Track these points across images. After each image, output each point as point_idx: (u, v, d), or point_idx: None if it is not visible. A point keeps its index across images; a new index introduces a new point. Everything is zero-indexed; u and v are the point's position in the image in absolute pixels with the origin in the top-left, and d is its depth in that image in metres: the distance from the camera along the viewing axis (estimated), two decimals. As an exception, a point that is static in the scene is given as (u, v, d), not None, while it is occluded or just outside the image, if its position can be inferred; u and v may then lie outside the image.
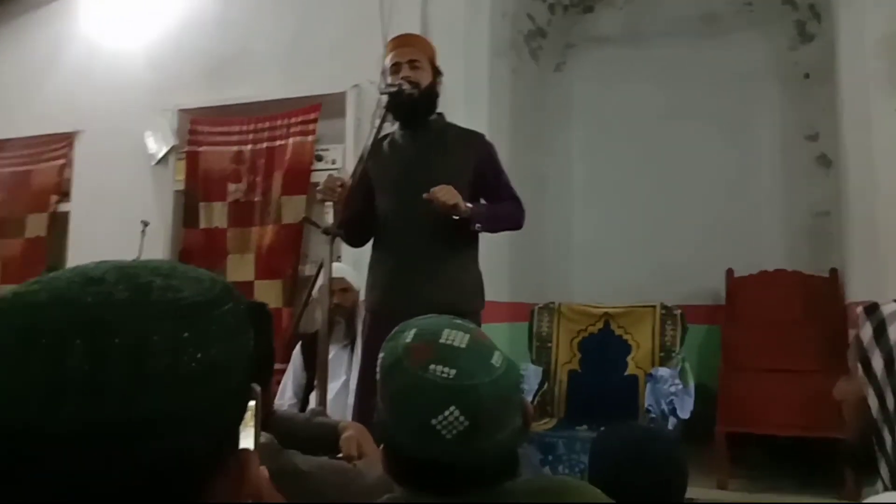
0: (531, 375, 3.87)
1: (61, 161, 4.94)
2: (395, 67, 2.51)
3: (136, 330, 0.47)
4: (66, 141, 4.93)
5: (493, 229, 2.60)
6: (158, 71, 4.69)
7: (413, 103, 2.46)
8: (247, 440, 0.56)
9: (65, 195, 4.93)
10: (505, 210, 2.58)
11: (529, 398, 3.65)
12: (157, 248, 4.33)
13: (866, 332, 1.05)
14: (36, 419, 0.44)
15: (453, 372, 0.94)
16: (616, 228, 5.00)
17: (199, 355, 0.49)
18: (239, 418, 0.55)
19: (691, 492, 1.66)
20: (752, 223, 4.71)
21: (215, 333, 0.51)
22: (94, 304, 0.48)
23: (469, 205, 2.39)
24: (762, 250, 4.60)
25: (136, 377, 0.46)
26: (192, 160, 4.52)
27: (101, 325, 0.47)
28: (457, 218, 2.37)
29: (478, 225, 2.46)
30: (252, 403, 0.56)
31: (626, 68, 5.07)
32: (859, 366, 1.05)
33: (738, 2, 4.94)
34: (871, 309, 1.06)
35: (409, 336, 1.00)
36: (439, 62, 2.60)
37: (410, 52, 2.51)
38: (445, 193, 2.31)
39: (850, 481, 3.24)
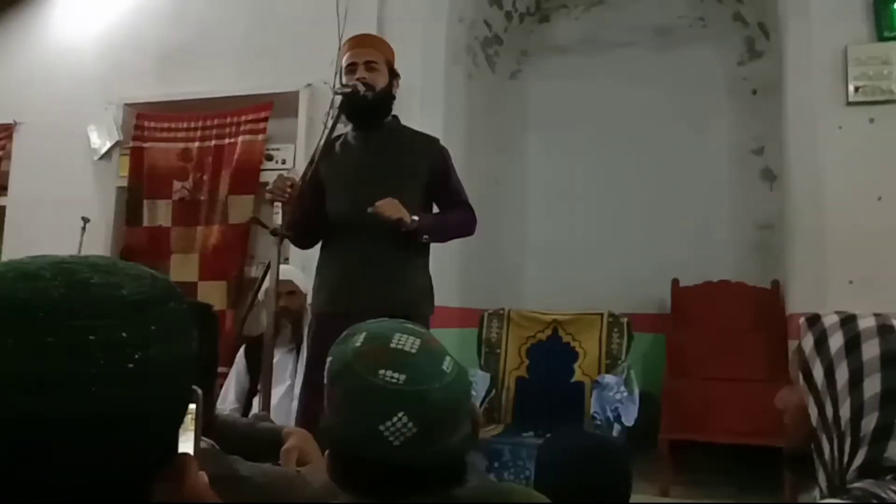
0: (479, 381, 3.88)
1: (-1, 153, 4.78)
2: (351, 67, 2.48)
3: (71, 328, 0.45)
4: (4, 132, 4.76)
5: (442, 239, 2.59)
6: (105, 63, 4.57)
7: (367, 105, 2.44)
8: (187, 444, 0.54)
9: (2, 189, 4.77)
10: (455, 219, 2.57)
11: (478, 404, 3.65)
12: (98, 245, 4.21)
13: (808, 342, 1.07)
14: None
15: (403, 377, 0.92)
16: (568, 236, 5.05)
17: (137, 355, 0.47)
18: (178, 421, 0.53)
19: (634, 498, 1.67)
20: (698, 234, 4.81)
21: (155, 333, 0.49)
22: (27, 300, 0.46)
23: (415, 217, 2.36)
24: (707, 261, 4.70)
25: (71, 376, 0.44)
26: (137, 156, 4.41)
27: (34, 322, 0.45)
28: (403, 230, 2.36)
29: (425, 236, 2.45)
30: (192, 406, 0.55)
31: (581, 77, 5.14)
32: (800, 375, 1.07)
33: (691, 16, 5.04)
34: (813, 320, 1.08)
35: (359, 340, 0.98)
36: (396, 65, 2.58)
37: (367, 52, 2.49)
38: (389, 208, 2.30)
39: (788, 488, 3.32)
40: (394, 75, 2.53)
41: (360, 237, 2.43)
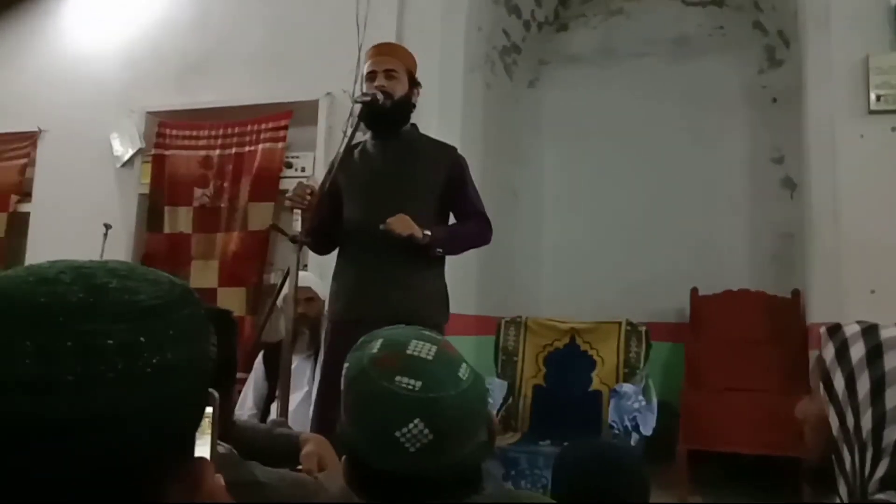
0: (496, 389, 3.86)
1: (23, 160, 4.84)
2: (371, 75, 2.49)
3: (90, 332, 0.46)
4: (29, 140, 4.83)
5: (456, 251, 2.59)
6: (127, 72, 4.62)
7: (385, 113, 2.45)
8: (204, 447, 0.55)
9: (26, 195, 4.83)
10: (469, 230, 2.57)
11: (494, 412, 3.64)
12: (120, 252, 4.25)
13: (828, 352, 1.06)
14: None
15: (419, 384, 0.92)
16: (585, 244, 5.04)
17: (154, 360, 0.47)
18: (195, 424, 0.54)
19: (653, 509, 1.66)
20: (717, 243, 4.78)
21: (172, 337, 0.49)
22: (46, 304, 0.46)
23: (427, 232, 2.36)
24: (727, 270, 4.66)
25: (88, 379, 0.44)
26: (159, 164, 4.45)
27: (52, 326, 0.45)
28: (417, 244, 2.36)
29: (438, 250, 2.45)
30: (209, 410, 0.55)
31: (599, 87, 5.13)
32: (821, 385, 1.05)
33: (710, 25, 5.02)
34: (834, 330, 1.07)
35: (376, 346, 0.98)
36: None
37: (388, 61, 2.50)
38: (400, 225, 2.30)
39: (808, 499, 3.28)
40: (414, 84, 2.54)
41: (375, 245, 2.44)
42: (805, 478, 1.15)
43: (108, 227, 4.12)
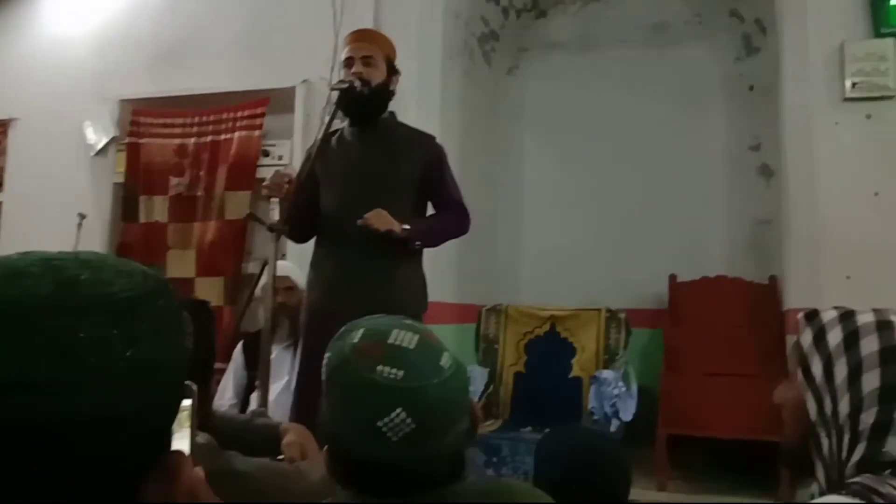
0: (477, 377, 3.88)
1: (-6, 149, 4.76)
2: (349, 62, 2.47)
3: (61, 327, 0.44)
4: (0, 128, 4.75)
5: (435, 244, 2.58)
6: (101, 59, 4.55)
7: (363, 101, 2.43)
8: (183, 440, 0.54)
9: (-3, 185, 4.76)
10: (446, 221, 2.56)
11: (475, 399, 3.65)
12: (95, 242, 4.20)
13: (806, 338, 1.07)
14: None
15: (401, 373, 0.92)
16: (565, 231, 5.05)
17: (128, 353, 0.46)
18: (172, 417, 0.53)
19: (632, 493, 1.67)
20: (695, 230, 4.81)
21: (146, 330, 0.48)
22: (16, 298, 0.45)
23: (406, 226, 2.36)
24: (705, 257, 4.70)
25: (60, 376, 0.43)
26: (133, 152, 4.40)
27: (24, 321, 0.44)
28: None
29: (417, 243, 2.44)
30: (187, 402, 0.54)
31: (578, 74, 5.13)
32: (799, 371, 1.07)
33: (688, 13, 5.04)
34: (811, 315, 1.08)
35: (357, 336, 0.98)
36: None
37: (366, 47, 2.48)
38: (378, 220, 2.29)
39: (785, 483, 3.33)
40: (392, 71, 2.52)
41: (351, 234, 2.42)
42: (783, 461, 1.16)
43: (82, 216, 4.08)
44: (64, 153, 4.50)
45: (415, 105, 3.66)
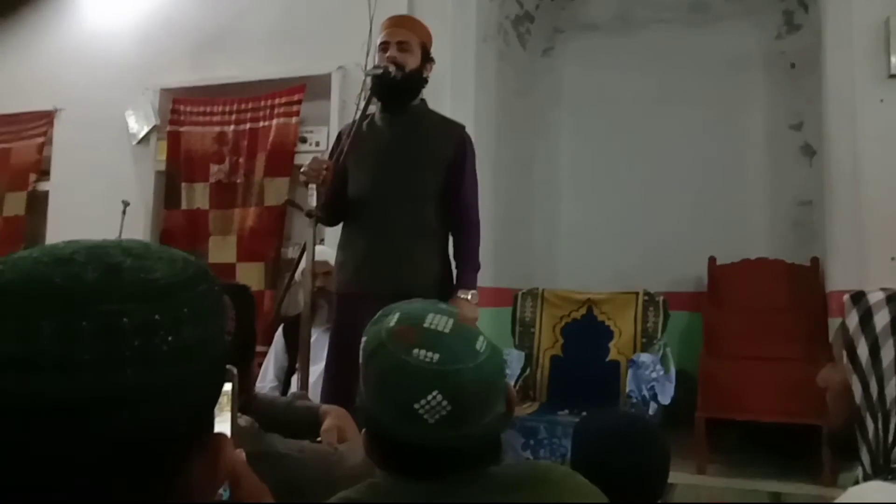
0: (514, 360, 3.88)
1: (41, 139, 4.87)
2: (384, 46, 2.49)
3: (106, 312, 0.46)
4: (45, 119, 4.86)
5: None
6: (141, 49, 4.62)
7: (395, 85, 2.44)
8: (224, 423, 0.55)
9: (44, 174, 4.87)
10: (472, 248, 2.59)
11: (512, 383, 3.66)
12: (138, 228, 4.28)
13: (852, 319, 1.05)
14: (9, 393, 0.43)
15: (437, 356, 0.93)
16: (601, 214, 5.01)
17: (170, 338, 0.48)
18: (214, 400, 0.54)
19: (671, 476, 1.66)
20: (735, 211, 4.74)
21: (188, 316, 0.49)
22: (62, 285, 0.46)
23: (474, 291, 2.50)
24: (745, 238, 4.63)
25: (106, 359, 0.45)
26: (174, 140, 4.47)
27: (69, 306, 0.45)
28: None
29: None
30: (228, 386, 0.55)
31: (615, 54, 5.06)
32: (844, 353, 1.05)
33: (727, -10, 4.93)
34: (858, 297, 1.06)
35: (393, 320, 0.99)
36: None
37: (401, 33, 2.49)
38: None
39: (827, 468, 3.28)
40: (427, 58, 2.52)
41: (381, 217, 2.45)
42: (827, 445, 1.15)
43: (126, 204, 4.15)
44: (107, 142, 4.59)
45: (449, 88, 3.65)
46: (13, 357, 0.44)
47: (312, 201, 2.44)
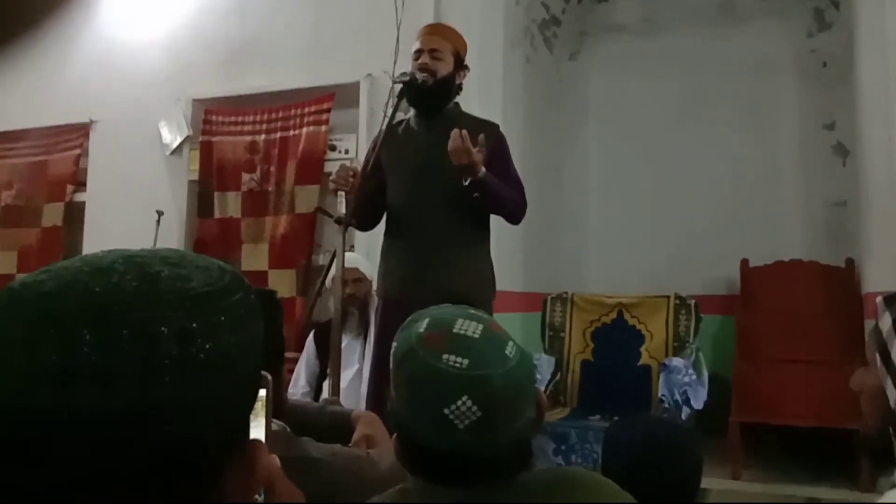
0: (544, 365, 3.87)
1: (77, 151, 4.97)
2: (417, 54, 2.52)
3: (145, 320, 0.47)
4: (81, 131, 4.96)
5: (489, 205, 2.48)
6: (173, 60, 4.70)
7: (426, 90, 2.46)
8: (258, 429, 0.56)
9: (81, 185, 4.97)
10: (511, 196, 2.50)
11: (542, 388, 3.65)
12: (172, 238, 4.35)
13: (885, 322, 1.04)
14: (48, 405, 0.44)
15: (466, 362, 0.93)
16: (631, 217, 4.98)
17: (207, 346, 0.48)
18: (250, 406, 0.55)
19: (705, 482, 1.65)
20: (767, 213, 4.68)
21: (224, 323, 0.50)
22: (102, 293, 0.47)
23: (483, 169, 2.32)
24: (778, 240, 4.57)
25: (145, 367, 0.46)
26: (207, 150, 4.53)
27: (109, 315, 0.46)
28: (465, 183, 2.31)
29: (476, 194, 2.35)
30: (262, 392, 0.56)
31: (642, 57, 5.04)
32: (878, 356, 1.04)
33: (756, -11, 4.89)
34: (891, 299, 1.05)
35: (423, 325, 0.99)
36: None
37: (434, 41, 2.51)
38: (459, 152, 2.26)
39: (865, 473, 3.22)
40: (460, 66, 2.54)
41: (422, 222, 2.46)
42: (862, 450, 1.13)
43: (160, 213, 4.22)
44: (141, 153, 4.67)
45: (477, 93, 3.65)
46: (53, 367, 0.44)
47: (342, 208, 2.47)
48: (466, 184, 2.32)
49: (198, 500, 0.50)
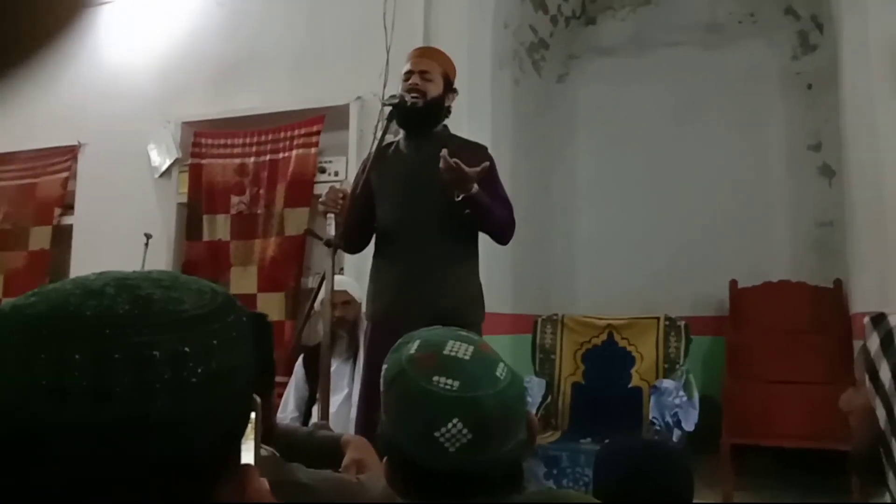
0: (535, 388, 3.86)
1: (65, 174, 4.96)
2: (407, 76, 2.53)
3: (137, 343, 0.46)
4: (69, 154, 4.95)
5: (480, 221, 2.47)
6: (162, 83, 4.71)
7: (415, 112, 2.47)
8: (248, 452, 0.56)
9: (68, 208, 4.95)
10: (501, 215, 2.52)
11: (533, 411, 3.63)
12: (161, 260, 4.33)
13: (873, 342, 1.04)
14: (41, 421, 0.44)
15: (457, 384, 0.93)
16: (620, 239, 5.00)
17: (199, 369, 0.48)
18: (242, 429, 0.55)
19: (697, 504, 1.64)
20: (755, 233, 4.72)
21: (216, 347, 0.50)
22: (94, 317, 0.47)
23: (476, 187, 2.32)
24: (766, 261, 4.60)
25: (138, 389, 0.45)
26: (196, 172, 4.53)
27: (100, 339, 0.46)
28: (458, 199, 2.31)
29: (467, 210, 2.35)
30: (252, 415, 0.56)
31: (630, 78, 5.09)
32: (867, 376, 1.04)
33: (741, 12, 4.96)
34: (878, 319, 1.06)
35: (413, 347, 0.99)
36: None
37: (424, 63, 2.53)
38: (457, 173, 2.26)
39: (856, 492, 3.22)
40: (449, 88, 2.56)
41: (411, 244, 2.46)
42: (853, 470, 1.13)
43: (148, 236, 4.20)
44: (130, 176, 4.66)
45: (466, 115, 3.67)
46: (45, 387, 0.44)
47: (331, 230, 2.47)
48: (458, 199, 2.32)
49: None
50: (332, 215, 2.48)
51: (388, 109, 2.52)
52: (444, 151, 2.28)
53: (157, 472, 0.46)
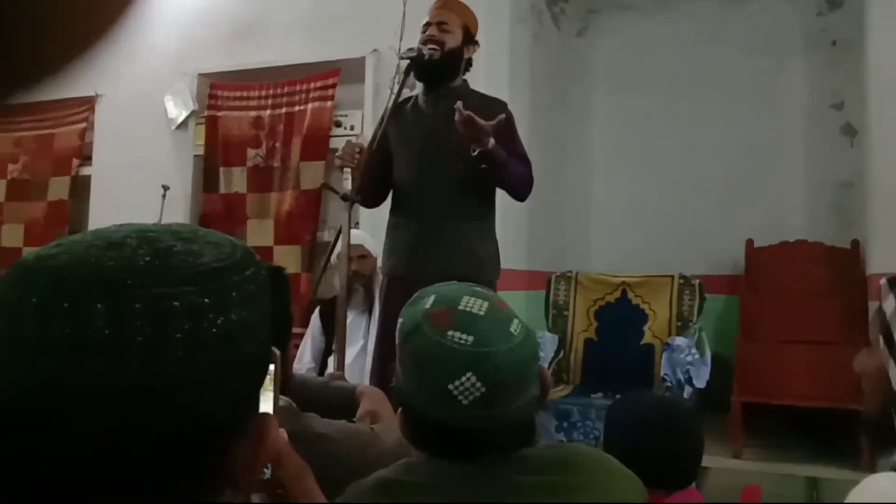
0: (547, 343, 3.89)
1: (83, 125, 4.97)
2: (426, 26, 2.51)
3: (157, 295, 0.47)
4: (87, 104, 4.95)
5: (497, 178, 2.47)
6: (179, 35, 4.68)
7: (433, 63, 2.45)
8: (266, 403, 0.57)
9: (87, 159, 4.97)
10: (519, 171, 2.50)
11: (545, 365, 3.66)
12: (178, 212, 4.35)
13: (889, 304, 1.04)
14: (59, 378, 0.44)
15: (471, 338, 0.94)
16: (636, 196, 4.97)
17: (219, 321, 0.49)
18: (259, 382, 0.55)
19: (706, 460, 1.66)
20: (773, 193, 4.67)
21: (236, 299, 0.50)
22: (115, 268, 0.47)
23: (493, 141, 2.31)
24: (783, 220, 4.56)
25: (157, 341, 0.46)
26: (212, 125, 4.52)
27: (121, 289, 0.46)
28: (474, 154, 2.30)
29: (483, 166, 2.34)
30: (271, 367, 0.57)
31: (650, 34, 5.00)
32: (881, 338, 1.04)
33: (766, -34, 4.83)
34: (894, 281, 1.05)
35: (429, 302, 1.00)
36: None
37: (443, 14, 2.50)
38: (473, 127, 2.25)
39: (866, 453, 3.24)
40: (469, 40, 2.53)
41: (428, 200, 2.46)
42: (864, 430, 1.14)
43: (165, 188, 4.22)
44: (147, 127, 4.66)
45: (483, 70, 3.62)
46: (65, 339, 0.45)
47: (347, 185, 2.47)
48: (475, 154, 2.31)
49: (206, 473, 0.51)
50: (349, 169, 2.47)
51: (404, 63, 2.50)
52: (459, 104, 2.26)
53: (174, 425, 0.47)
